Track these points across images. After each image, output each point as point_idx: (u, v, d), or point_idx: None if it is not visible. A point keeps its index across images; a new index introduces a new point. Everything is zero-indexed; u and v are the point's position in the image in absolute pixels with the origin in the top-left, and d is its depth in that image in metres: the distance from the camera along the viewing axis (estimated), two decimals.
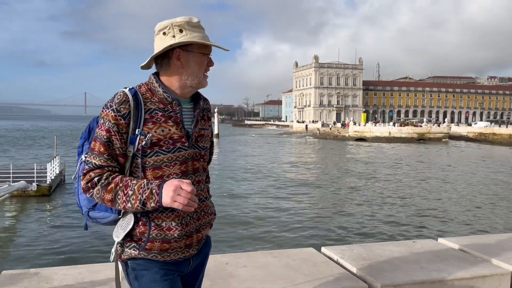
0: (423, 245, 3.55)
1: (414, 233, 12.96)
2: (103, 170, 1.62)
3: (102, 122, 1.65)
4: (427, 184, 23.26)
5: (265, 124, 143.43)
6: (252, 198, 18.37)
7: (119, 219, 1.72)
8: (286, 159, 37.73)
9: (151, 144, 1.65)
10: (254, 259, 3.18)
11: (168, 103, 1.71)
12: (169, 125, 1.69)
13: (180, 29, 1.69)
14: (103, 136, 1.62)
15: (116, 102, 1.64)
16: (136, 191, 1.59)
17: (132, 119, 1.64)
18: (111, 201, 1.61)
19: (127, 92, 1.66)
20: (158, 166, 1.67)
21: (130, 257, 1.71)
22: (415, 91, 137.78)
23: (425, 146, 55.51)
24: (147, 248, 1.68)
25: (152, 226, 1.68)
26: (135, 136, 1.64)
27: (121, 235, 1.70)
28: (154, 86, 1.71)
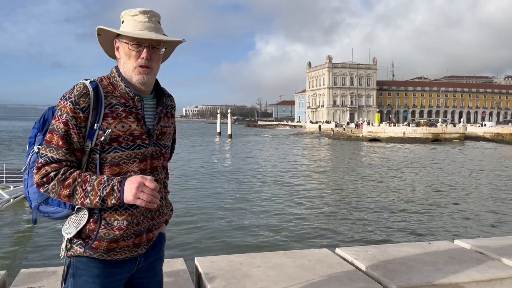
0: (439, 247, 3.51)
1: (429, 234, 12.80)
2: (61, 165, 1.55)
3: (60, 113, 1.57)
4: (443, 184, 22.96)
5: (278, 124, 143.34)
6: (264, 198, 18.36)
7: (72, 215, 1.65)
8: (300, 159, 37.64)
9: (110, 140, 1.59)
10: (268, 260, 3.18)
11: (129, 98, 1.65)
12: (130, 121, 1.63)
13: (122, 20, 1.68)
14: (61, 129, 1.56)
15: (75, 94, 1.57)
16: (95, 187, 1.53)
17: (91, 113, 1.58)
18: (68, 197, 1.55)
19: (88, 85, 1.60)
20: (116, 163, 1.61)
21: (75, 254, 1.65)
22: (430, 91, 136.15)
23: (440, 146, 54.81)
24: (93, 247, 1.62)
25: (102, 224, 1.61)
26: (93, 131, 1.58)
27: (72, 232, 1.63)
28: (116, 80, 1.66)
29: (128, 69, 1.66)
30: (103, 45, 1.74)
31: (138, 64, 1.64)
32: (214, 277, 2.85)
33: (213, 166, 30.34)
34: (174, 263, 3.16)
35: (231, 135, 70.98)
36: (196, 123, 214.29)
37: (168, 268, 3.06)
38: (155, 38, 1.64)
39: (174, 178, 23.72)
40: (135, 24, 1.64)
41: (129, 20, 1.66)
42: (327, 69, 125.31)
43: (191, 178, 23.99)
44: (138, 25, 1.64)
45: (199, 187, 20.98)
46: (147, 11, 1.66)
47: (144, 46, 1.64)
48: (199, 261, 3.13)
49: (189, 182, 22.49)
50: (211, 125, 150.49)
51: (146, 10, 1.66)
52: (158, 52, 1.69)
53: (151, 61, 1.66)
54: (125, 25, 1.66)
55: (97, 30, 1.68)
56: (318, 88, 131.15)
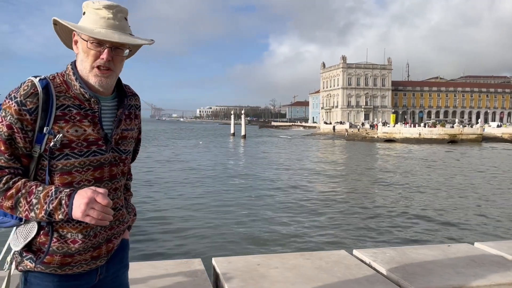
0: (458, 249, 3.46)
1: (448, 236, 12.63)
2: (3, 172, 1.39)
3: (4, 115, 1.40)
4: (462, 186, 22.63)
5: (292, 125, 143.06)
6: (279, 199, 18.35)
7: (20, 225, 1.50)
8: (314, 160, 37.51)
9: (61, 145, 1.43)
10: (286, 261, 3.18)
11: (85, 100, 1.48)
12: (85, 125, 1.46)
13: (84, 11, 1.50)
14: (4, 133, 1.39)
15: (21, 94, 1.40)
16: (41, 200, 1.37)
17: (40, 115, 1.41)
18: (11, 209, 1.39)
19: (36, 83, 1.42)
20: (67, 171, 1.45)
21: (25, 269, 1.50)
22: (446, 91, 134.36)
23: (457, 147, 54.04)
24: (45, 262, 1.47)
25: (54, 237, 1.46)
26: (42, 134, 1.41)
27: (20, 245, 1.47)
28: (70, 79, 1.49)
29: (86, 68, 1.48)
30: (61, 36, 1.55)
31: (96, 64, 1.47)
32: (232, 277, 2.86)
33: (228, 167, 30.44)
34: (191, 263, 3.18)
35: (245, 135, 71.12)
36: (210, 124, 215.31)
37: (185, 268, 3.09)
38: (118, 41, 1.45)
39: (191, 178, 23.88)
40: (97, 19, 1.46)
41: (91, 13, 1.47)
42: (341, 69, 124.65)
43: (207, 178, 24.11)
44: (101, 21, 1.45)
45: (214, 188, 21.07)
46: (113, 5, 1.48)
47: (106, 46, 1.46)
48: (216, 262, 3.14)
49: (205, 183, 22.60)
50: (225, 126, 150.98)
51: (112, 4, 1.48)
52: (122, 53, 1.51)
53: (113, 63, 1.49)
54: (86, 18, 1.48)
55: (53, 20, 1.51)
56: (332, 88, 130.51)
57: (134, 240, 11.39)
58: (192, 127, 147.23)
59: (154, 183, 21.49)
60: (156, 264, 3.19)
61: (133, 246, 8.95)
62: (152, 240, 11.64)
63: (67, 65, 1.53)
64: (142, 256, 10.06)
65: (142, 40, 1.52)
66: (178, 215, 14.88)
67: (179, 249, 10.92)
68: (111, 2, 1.49)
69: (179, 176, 24.53)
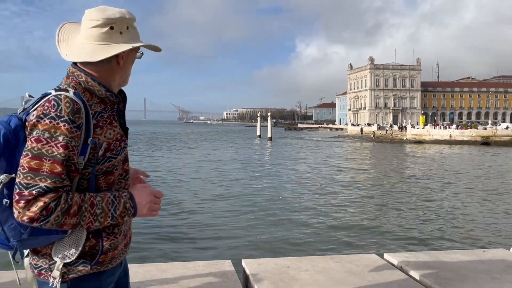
0: (494, 254, 3.37)
1: (483, 241, 12.25)
2: (58, 193, 1.36)
3: (49, 136, 1.37)
4: (496, 189, 21.92)
5: (319, 127, 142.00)
6: (307, 202, 18.25)
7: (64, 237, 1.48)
8: (342, 162, 37.11)
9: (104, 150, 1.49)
10: (316, 264, 3.17)
11: (108, 102, 1.54)
12: (114, 125, 1.54)
13: (127, 25, 1.55)
14: (59, 154, 1.36)
15: (67, 112, 1.39)
16: (105, 209, 1.43)
17: (84, 128, 1.43)
18: (74, 225, 1.39)
19: (74, 98, 1.42)
20: (110, 172, 1.52)
21: (79, 275, 1.49)
22: (478, 92, 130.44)
23: (490, 149, 52.37)
24: (100, 261, 1.52)
25: (103, 237, 1.52)
26: (86, 146, 1.44)
27: (73, 255, 1.47)
28: (91, 85, 1.50)
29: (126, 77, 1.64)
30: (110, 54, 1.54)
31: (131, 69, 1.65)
32: (262, 279, 2.88)
33: (255, 169, 30.49)
34: (222, 264, 3.22)
35: (271, 137, 71.09)
36: (237, 126, 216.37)
37: (215, 269, 3.12)
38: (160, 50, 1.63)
39: (219, 180, 24.07)
40: (136, 33, 1.60)
41: (134, 27, 1.59)
42: (369, 70, 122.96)
43: (234, 180, 24.24)
44: (138, 33, 1.60)
45: (242, 189, 21.15)
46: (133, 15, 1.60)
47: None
48: (246, 263, 3.17)
49: (233, 184, 22.73)
50: (251, 128, 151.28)
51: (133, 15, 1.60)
52: None
53: None
54: (133, 34, 1.58)
55: (140, 53, 1.63)
56: (360, 90, 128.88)
57: (165, 241, 11.56)
58: (219, 129, 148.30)
59: (183, 184, 21.75)
60: (187, 264, 3.24)
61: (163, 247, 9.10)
62: (183, 241, 11.79)
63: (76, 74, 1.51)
64: (173, 256, 10.22)
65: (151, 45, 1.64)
66: (208, 216, 15.02)
67: (209, 250, 11.02)
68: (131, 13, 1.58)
69: (207, 178, 24.75)
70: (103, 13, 1.50)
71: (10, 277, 2.89)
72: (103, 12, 1.50)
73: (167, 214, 14.14)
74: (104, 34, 1.50)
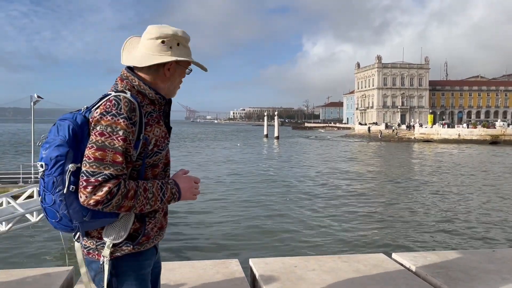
0: (504, 255, 3.33)
1: (492, 241, 12.14)
2: (119, 179, 1.59)
3: (111, 130, 1.60)
4: (505, 189, 21.71)
5: (326, 126, 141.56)
6: (314, 202, 18.21)
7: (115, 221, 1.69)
8: (349, 162, 36.97)
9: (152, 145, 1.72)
10: (323, 263, 3.16)
11: (157, 104, 1.78)
12: (160, 124, 1.77)
13: (178, 42, 1.77)
14: (120, 146, 1.60)
15: (126, 110, 1.62)
16: (155, 193, 1.66)
17: (138, 125, 1.66)
18: (130, 207, 1.61)
19: (132, 99, 1.66)
20: (156, 165, 1.75)
21: (123, 253, 1.70)
22: (487, 91, 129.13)
23: (499, 149, 51.86)
24: (141, 242, 1.73)
25: (146, 220, 1.74)
26: (139, 141, 1.66)
27: (122, 236, 1.69)
28: (143, 89, 1.74)
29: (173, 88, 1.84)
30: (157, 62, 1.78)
31: (180, 82, 1.87)
32: (269, 278, 2.87)
33: (262, 169, 30.48)
34: (229, 264, 3.21)
35: (278, 137, 71.01)
36: (244, 125, 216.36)
37: (223, 268, 3.12)
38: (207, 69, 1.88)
39: (227, 180, 24.09)
40: (188, 51, 1.81)
41: (185, 46, 1.80)
42: (376, 69, 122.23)
43: (242, 180, 24.25)
44: (189, 52, 1.81)
45: (250, 189, 21.17)
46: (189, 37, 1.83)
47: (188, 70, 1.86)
48: (253, 263, 3.16)
49: (240, 184, 22.75)
50: (258, 127, 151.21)
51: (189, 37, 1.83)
52: None
53: None
54: (182, 50, 1.79)
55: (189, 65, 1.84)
56: (367, 89, 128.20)
57: (174, 240, 11.59)
58: (226, 128, 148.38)
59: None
60: (194, 264, 3.24)
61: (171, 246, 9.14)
62: (190, 241, 11.82)
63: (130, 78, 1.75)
64: (181, 256, 10.25)
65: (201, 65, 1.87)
66: (215, 215, 15.05)
67: (217, 249, 11.04)
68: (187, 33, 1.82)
69: (215, 178, 24.78)
70: (159, 29, 1.76)
71: (19, 275, 2.91)
72: (159, 29, 1.76)
73: (176, 214, 14.19)
74: (156, 46, 1.75)
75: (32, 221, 11.40)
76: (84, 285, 1.80)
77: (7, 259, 10.59)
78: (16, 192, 12.39)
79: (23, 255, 10.97)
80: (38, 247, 11.77)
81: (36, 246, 11.82)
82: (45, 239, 12.27)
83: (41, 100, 19.36)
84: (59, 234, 12.63)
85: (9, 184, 17.97)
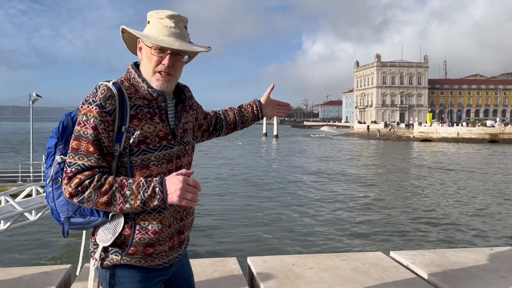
0: (502, 253, 3.34)
1: (491, 240, 12.17)
2: (94, 171, 1.49)
3: (85, 119, 1.51)
4: (503, 188, 21.74)
5: (325, 125, 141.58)
6: (313, 200, 18.22)
7: (106, 222, 1.60)
8: (348, 161, 37.00)
9: (138, 142, 1.56)
10: (321, 261, 3.16)
11: (153, 99, 1.62)
12: (155, 122, 1.60)
13: (148, 20, 1.63)
14: (90, 134, 1.50)
15: (100, 98, 1.52)
16: (135, 191, 1.48)
17: (117, 115, 1.53)
18: (106, 204, 1.49)
19: (111, 87, 1.55)
20: (145, 165, 1.57)
21: (112, 263, 1.60)
22: (486, 89, 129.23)
23: (498, 147, 51.93)
24: (130, 253, 1.59)
25: (136, 229, 1.58)
26: (121, 133, 1.54)
27: (110, 240, 1.58)
28: (137, 82, 1.62)
29: (148, 73, 1.62)
30: (127, 43, 1.71)
31: (158, 69, 1.61)
32: (267, 277, 2.87)
33: (261, 167, 30.49)
34: (227, 262, 3.21)
35: (277, 135, 71.03)
36: None
37: (221, 266, 3.12)
38: (179, 48, 1.58)
39: (225, 178, 24.09)
40: (160, 28, 1.59)
41: (155, 22, 1.61)
42: (375, 68, 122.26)
43: (241, 179, 24.25)
44: (164, 29, 1.59)
45: (249, 188, 21.17)
46: (175, 15, 1.61)
47: (167, 53, 1.59)
48: (252, 261, 3.16)
49: (239, 183, 22.75)
50: (257, 125, 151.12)
51: (174, 14, 1.61)
52: (181, 59, 1.64)
53: (173, 68, 1.63)
54: (150, 27, 1.61)
55: (121, 29, 1.66)
56: (367, 87, 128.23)
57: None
58: None
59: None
60: (193, 262, 3.22)
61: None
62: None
63: (129, 70, 1.66)
64: None
65: (200, 47, 1.65)
66: (213, 214, 15.04)
67: (215, 247, 11.04)
68: (173, 12, 1.62)
69: (214, 176, 24.78)
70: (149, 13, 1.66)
71: (18, 273, 2.91)
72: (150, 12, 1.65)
73: None
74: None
75: (30, 219, 11.42)
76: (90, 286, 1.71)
77: (6, 258, 10.59)
78: (15, 190, 12.41)
79: (22, 254, 10.96)
80: (36, 245, 11.76)
81: (35, 245, 11.81)
82: (44, 238, 12.27)
83: (40, 98, 19.37)
84: (57, 232, 12.63)
85: (8, 182, 17.93)
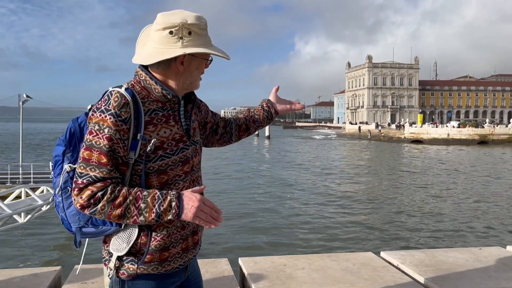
0: (490, 253, 3.38)
1: (479, 240, 12.28)
2: (106, 183, 1.43)
3: (98, 128, 1.44)
4: (491, 188, 21.98)
5: (317, 126, 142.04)
6: (304, 201, 18.26)
7: (119, 231, 1.54)
8: (339, 161, 37.15)
9: (155, 147, 1.49)
10: (312, 262, 3.17)
11: (166, 101, 1.56)
12: (171, 124, 1.55)
13: (189, 31, 1.51)
14: (104, 145, 1.42)
15: (114, 106, 1.44)
16: (149, 204, 1.43)
17: (133, 123, 1.46)
18: (120, 217, 1.43)
19: (124, 93, 1.47)
20: (163, 171, 1.52)
21: (128, 273, 1.54)
22: (476, 91, 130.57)
23: (487, 149, 52.49)
24: (146, 261, 1.54)
25: (152, 237, 1.53)
26: (136, 141, 1.47)
27: (124, 249, 1.52)
28: (149, 84, 1.54)
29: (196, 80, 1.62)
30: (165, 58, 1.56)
31: (200, 73, 1.62)
32: (259, 277, 2.87)
33: (253, 168, 30.50)
34: (218, 263, 3.21)
35: (269, 136, 71.11)
36: None
37: (212, 267, 3.12)
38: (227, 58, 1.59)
39: (216, 179, 24.05)
40: (204, 39, 1.55)
41: (199, 34, 1.54)
42: (367, 69, 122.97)
43: (232, 179, 24.23)
44: (207, 40, 1.56)
45: (240, 188, 21.16)
46: (204, 20, 1.56)
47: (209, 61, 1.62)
48: (243, 262, 3.17)
49: (231, 183, 22.73)
50: None
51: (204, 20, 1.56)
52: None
53: None
54: (196, 40, 1.52)
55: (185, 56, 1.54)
56: (358, 88, 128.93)
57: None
58: None
59: None
60: None
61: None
62: None
63: (138, 73, 1.57)
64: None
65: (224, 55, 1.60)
66: None
67: (206, 248, 11.02)
68: (202, 17, 1.55)
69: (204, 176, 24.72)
70: (166, 18, 1.51)
71: (7, 275, 2.88)
72: (166, 17, 1.52)
73: None
74: (163, 38, 1.51)
75: (20, 222, 11.30)
76: None
77: None
78: (4, 192, 12.27)
79: (11, 256, 10.85)
80: (26, 247, 11.65)
81: (24, 247, 11.70)
82: (33, 240, 12.15)
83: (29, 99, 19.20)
84: (47, 234, 12.51)
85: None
